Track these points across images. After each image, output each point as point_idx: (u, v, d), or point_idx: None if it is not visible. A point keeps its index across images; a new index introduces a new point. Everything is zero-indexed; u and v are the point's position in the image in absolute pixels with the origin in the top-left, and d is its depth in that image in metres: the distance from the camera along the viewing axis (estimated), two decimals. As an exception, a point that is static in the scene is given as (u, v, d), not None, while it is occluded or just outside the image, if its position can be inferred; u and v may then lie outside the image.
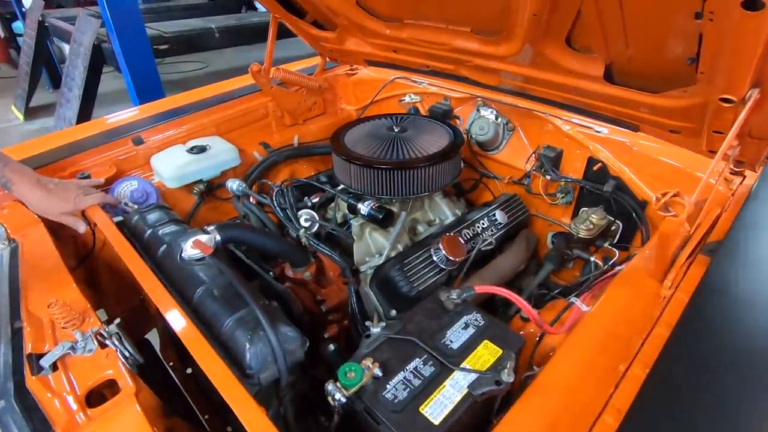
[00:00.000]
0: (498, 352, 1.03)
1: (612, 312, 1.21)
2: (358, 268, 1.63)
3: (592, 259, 1.60)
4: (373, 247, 1.69)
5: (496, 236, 1.67)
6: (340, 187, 1.83)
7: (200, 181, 1.95)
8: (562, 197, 1.80)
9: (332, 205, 1.88)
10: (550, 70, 1.33)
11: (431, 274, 1.45)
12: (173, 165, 1.84)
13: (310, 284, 1.58)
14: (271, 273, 1.61)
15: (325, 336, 1.55)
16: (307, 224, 1.69)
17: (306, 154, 2.27)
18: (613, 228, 1.70)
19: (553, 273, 1.90)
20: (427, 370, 0.97)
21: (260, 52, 2.14)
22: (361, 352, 1.02)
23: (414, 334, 1.06)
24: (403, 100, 2.29)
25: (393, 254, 1.59)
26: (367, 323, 1.08)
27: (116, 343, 1.06)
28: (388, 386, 0.93)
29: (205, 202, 2.01)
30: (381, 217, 1.58)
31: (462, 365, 0.99)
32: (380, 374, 0.94)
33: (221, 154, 1.98)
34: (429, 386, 0.94)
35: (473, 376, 0.96)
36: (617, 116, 1.41)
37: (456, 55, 1.59)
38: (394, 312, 1.47)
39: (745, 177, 1.41)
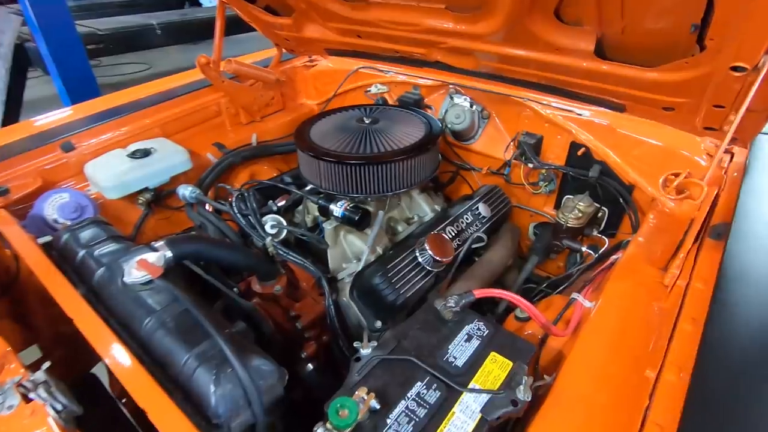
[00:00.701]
0: (508, 364, 0.90)
1: (618, 307, 1.11)
2: (335, 276, 1.47)
3: (583, 249, 1.52)
4: (350, 251, 1.53)
5: (481, 231, 1.55)
6: (308, 188, 1.65)
7: (146, 190, 1.71)
8: (545, 185, 1.71)
9: (300, 208, 1.70)
10: (536, 48, 1.22)
11: (418, 278, 1.31)
12: (112, 172, 1.59)
13: (282, 299, 1.40)
14: (235, 289, 1.41)
15: (303, 355, 1.38)
16: (273, 231, 1.50)
17: (266, 153, 2.07)
18: (599, 215, 1.63)
19: (538, 265, 1.82)
20: (432, 396, 0.83)
21: (209, 50, 1.92)
22: (351, 379, 0.87)
23: (411, 351, 0.92)
24: (369, 91, 2.13)
25: (373, 258, 1.44)
26: (356, 344, 0.92)
27: (44, 394, 0.85)
28: (388, 421, 0.78)
29: (153, 213, 1.78)
30: (357, 218, 1.42)
31: (470, 385, 0.85)
32: (378, 406, 0.79)
33: (169, 157, 1.75)
34: (436, 416, 0.79)
35: (485, 398, 0.83)
36: (604, 96, 1.32)
37: (428, 37, 1.45)
38: (379, 323, 1.32)
39: (733, 154, 1.36)
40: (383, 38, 1.60)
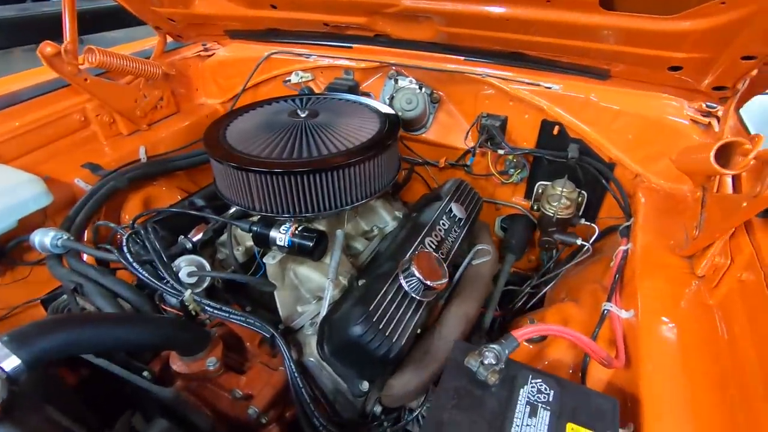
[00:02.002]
0: (596, 439, 0.62)
1: (664, 314, 0.90)
2: (289, 326, 1.09)
3: (579, 241, 1.31)
4: (304, 289, 1.15)
5: (461, 237, 1.27)
6: (231, 210, 1.23)
7: None
8: (517, 173, 1.48)
9: (223, 238, 1.27)
10: (530, 3, 0.95)
11: (408, 314, 0.99)
12: None
13: (221, 376, 0.98)
14: (146, 374, 0.97)
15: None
16: (192, 280, 1.07)
17: (163, 171, 1.58)
18: (579, 199, 1.45)
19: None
20: None
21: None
22: None
23: (458, 452, 0.59)
24: (289, 81, 1.73)
25: (338, 294, 1.08)
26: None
27: None
28: None
29: (-3, 275, 1.22)
30: (311, 244, 1.04)
31: (563, 491, 0.55)
32: None
33: (14, 191, 1.20)
34: None
35: None
36: (592, 61, 1.11)
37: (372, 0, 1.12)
38: (366, 384, 0.98)
39: (718, 119, 1.24)
40: (309, 6, 1.22)
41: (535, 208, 1.54)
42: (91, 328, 0.76)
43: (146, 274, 1.01)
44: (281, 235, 1.07)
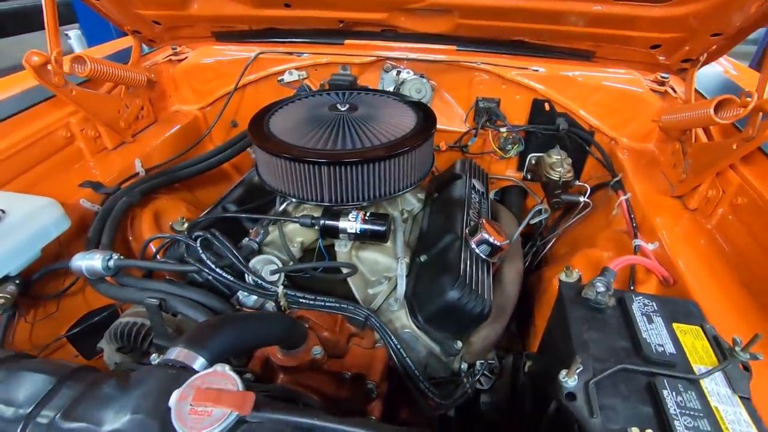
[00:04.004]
0: (697, 330, 0.80)
1: (682, 242, 1.14)
2: (371, 308, 1.15)
3: (582, 199, 1.53)
4: (369, 272, 1.21)
5: (488, 207, 1.42)
6: (282, 207, 1.24)
7: (4, 280, 1.04)
8: (514, 148, 1.67)
9: (270, 238, 1.26)
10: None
11: (485, 274, 1.11)
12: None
13: (326, 363, 1.02)
14: (248, 375, 0.97)
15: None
16: (275, 278, 1.08)
17: (172, 181, 1.50)
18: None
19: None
20: (689, 399, 0.67)
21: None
22: (587, 419, 0.64)
23: (611, 359, 0.74)
24: (283, 80, 1.73)
25: (406, 272, 1.16)
26: (563, 376, 0.68)
27: None
28: (689, 455, 0.60)
29: (24, 313, 1.10)
30: (384, 228, 1.11)
31: (696, 368, 0.72)
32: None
33: (33, 218, 1.09)
34: (712, 421, 0.64)
35: (719, 377, 0.72)
36: (580, 45, 1.31)
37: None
38: (459, 344, 1.08)
39: (673, 88, 1.53)
40: (328, 3, 1.27)
41: (529, 177, 1.75)
42: (241, 325, 0.77)
43: (234, 279, 1.00)
44: (352, 223, 1.12)
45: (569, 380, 0.70)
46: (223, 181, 1.92)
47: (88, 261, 1.03)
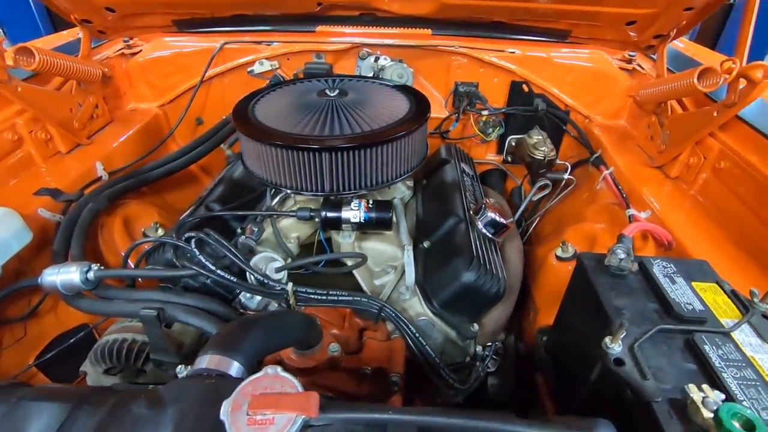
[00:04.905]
0: (713, 287, 0.83)
1: (671, 205, 1.19)
2: (380, 298, 1.10)
3: (566, 176, 1.57)
4: (375, 263, 1.17)
5: (479, 189, 1.42)
6: (275, 201, 1.17)
7: None
8: (496, 131, 1.68)
9: (265, 236, 1.18)
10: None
11: (494, 253, 1.10)
12: None
13: (344, 360, 0.96)
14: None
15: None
16: (279, 275, 1.00)
17: (141, 183, 1.37)
18: (548, 144, 1.71)
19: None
20: (729, 351, 0.69)
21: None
22: (639, 380, 0.64)
23: (646, 320, 0.75)
24: (253, 71, 1.64)
25: (412, 259, 1.13)
26: (608, 342, 0.68)
27: None
28: (745, 403, 0.61)
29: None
30: (390, 215, 1.07)
31: (724, 321, 0.75)
32: (722, 397, 0.60)
33: (-12, 231, 0.95)
34: (755, 369, 0.67)
35: (746, 328, 0.74)
36: (558, 24, 1.34)
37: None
38: (476, 326, 1.06)
39: (641, 66, 1.60)
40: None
41: (509, 160, 1.77)
42: (270, 327, 0.70)
43: (238, 280, 0.92)
44: (355, 212, 1.07)
45: (615, 346, 0.69)
46: (192, 183, 1.79)
47: (63, 275, 0.90)
